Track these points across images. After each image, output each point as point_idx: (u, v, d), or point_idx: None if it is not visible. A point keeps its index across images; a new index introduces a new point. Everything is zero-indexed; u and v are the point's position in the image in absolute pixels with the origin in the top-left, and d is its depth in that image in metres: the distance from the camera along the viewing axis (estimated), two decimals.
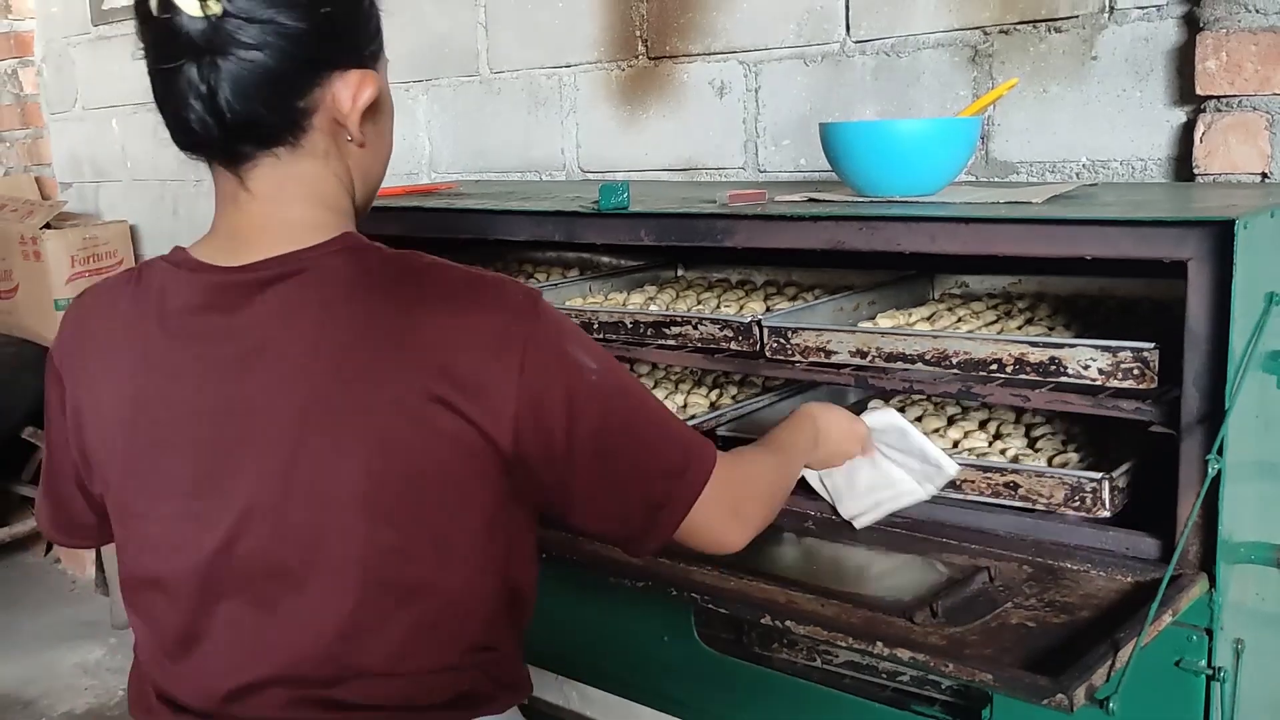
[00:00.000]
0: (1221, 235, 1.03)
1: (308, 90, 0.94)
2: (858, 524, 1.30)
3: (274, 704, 0.94)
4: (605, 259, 2.18)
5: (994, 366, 1.26)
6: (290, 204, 0.96)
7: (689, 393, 1.73)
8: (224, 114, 0.91)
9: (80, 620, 3.50)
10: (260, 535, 0.92)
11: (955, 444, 1.42)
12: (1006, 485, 1.25)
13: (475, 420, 0.90)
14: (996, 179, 1.82)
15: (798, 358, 1.41)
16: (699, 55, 2.14)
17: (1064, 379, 1.21)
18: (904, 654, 0.97)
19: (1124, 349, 1.17)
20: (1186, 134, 1.61)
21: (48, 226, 3.32)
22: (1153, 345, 1.15)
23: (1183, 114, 1.62)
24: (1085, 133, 1.72)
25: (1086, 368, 1.19)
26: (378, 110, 1.00)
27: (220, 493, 0.93)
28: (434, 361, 0.90)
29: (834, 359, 1.38)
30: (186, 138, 0.94)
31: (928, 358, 1.31)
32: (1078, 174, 1.74)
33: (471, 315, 0.92)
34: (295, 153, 0.95)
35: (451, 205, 1.72)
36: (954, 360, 1.29)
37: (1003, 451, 1.38)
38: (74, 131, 3.72)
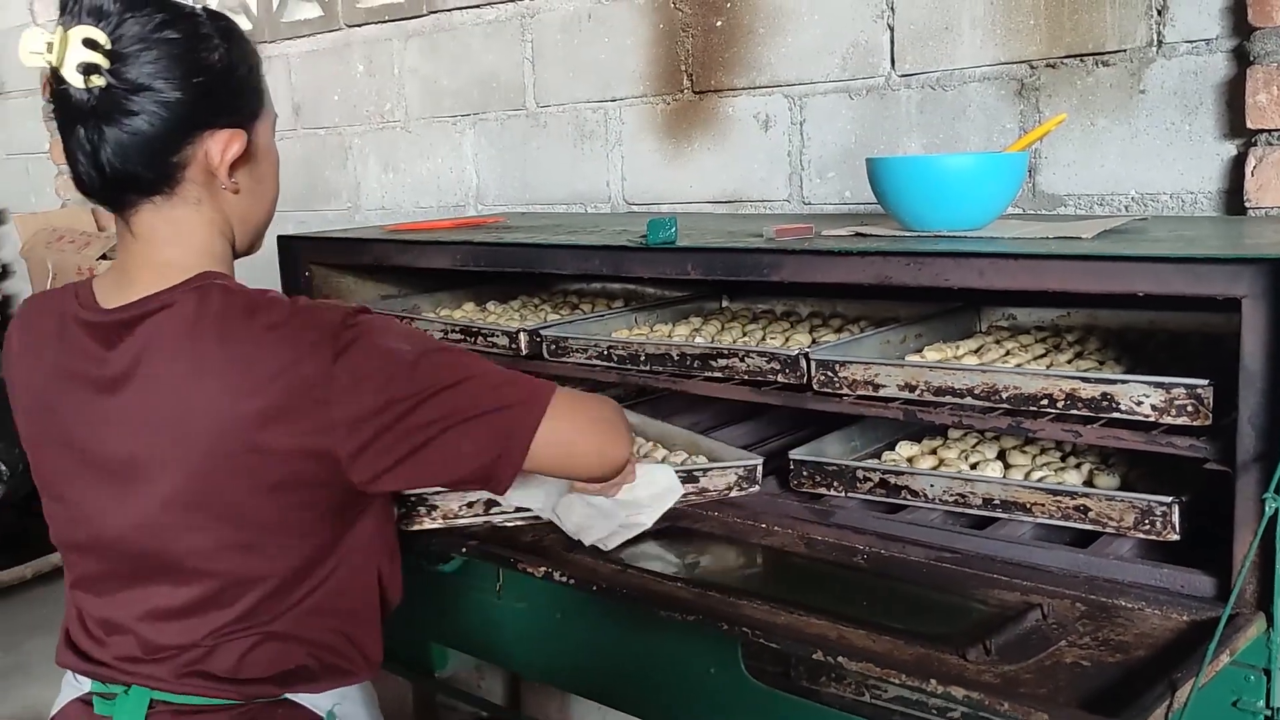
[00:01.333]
0: (1275, 272, 1.02)
1: (180, 148, 1.09)
2: (608, 545, 1.33)
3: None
4: (650, 290, 2.20)
5: (1044, 402, 1.25)
6: (164, 246, 1.12)
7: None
8: (105, 169, 1.07)
9: None
10: (119, 527, 1.12)
11: (1026, 474, 1.41)
12: (1076, 509, 1.24)
13: (300, 437, 1.04)
14: (1044, 211, 1.81)
15: (845, 391, 1.41)
16: (744, 89, 2.16)
17: (1116, 415, 1.20)
18: (958, 692, 0.96)
19: (1178, 385, 1.16)
20: (1237, 167, 1.60)
21: (103, 258, 3.39)
22: (1207, 382, 1.14)
23: (1233, 147, 1.61)
24: (1134, 166, 1.71)
25: (1139, 404, 1.19)
26: (251, 161, 1.16)
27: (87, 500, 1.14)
28: (256, 391, 1.04)
29: (882, 393, 1.39)
30: (79, 187, 1.11)
31: (977, 392, 1.31)
32: (1126, 207, 1.73)
33: (287, 344, 1.05)
34: (170, 200, 1.11)
35: (500, 239, 1.75)
36: (1004, 395, 1.29)
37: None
38: None
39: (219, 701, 1.13)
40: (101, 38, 1.02)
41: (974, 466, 1.43)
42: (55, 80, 1.04)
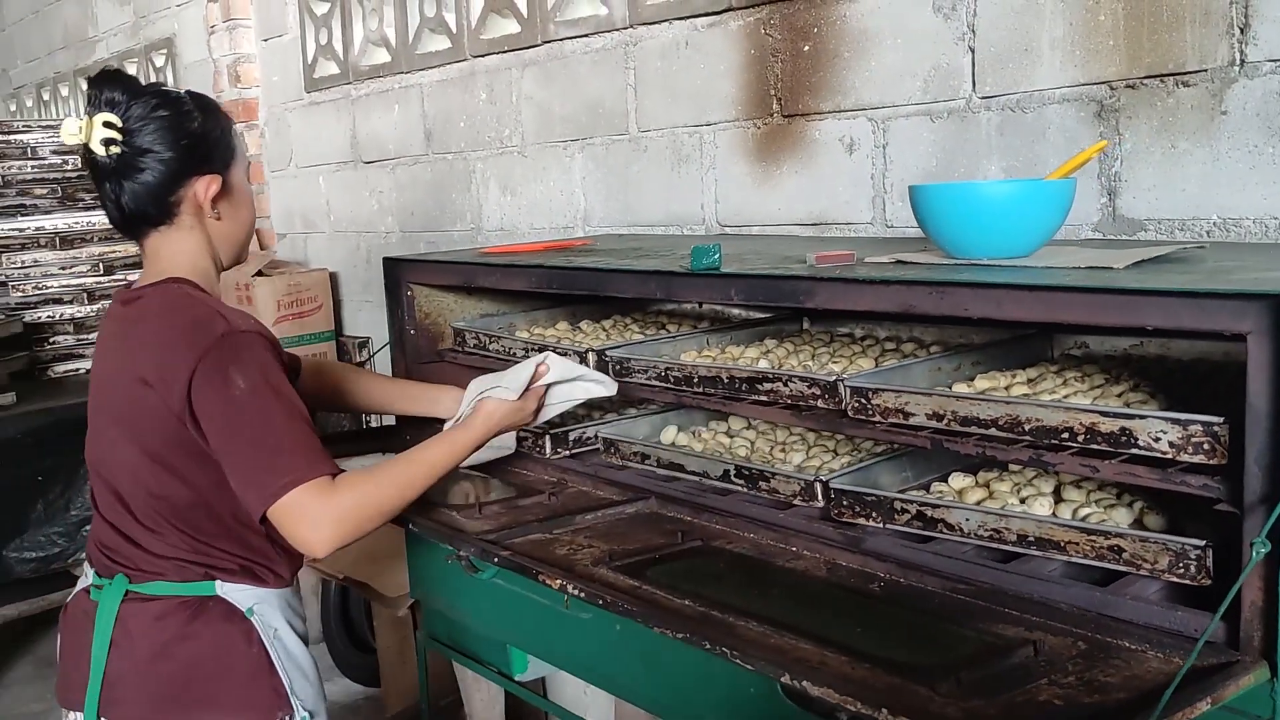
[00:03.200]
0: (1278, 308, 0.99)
1: (176, 191, 1.53)
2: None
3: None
4: (736, 312, 2.23)
5: (1065, 435, 1.23)
6: (164, 261, 1.56)
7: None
8: (125, 209, 1.52)
9: None
10: (92, 459, 1.58)
11: (1074, 511, 1.38)
12: (1110, 549, 1.21)
13: (156, 391, 1.45)
14: (1124, 236, 1.76)
15: (878, 418, 1.42)
16: (829, 113, 2.17)
17: (1135, 450, 1.17)
18: None
19: (1194, 422, 1.12)
20: None
21: (259, 274, 3.67)
22: (1223, 419, 1.10)
23: None
24: (1215, 190, 1.64)
25: (1157, 440, 1.15)
26: (229, 195, 1.59)
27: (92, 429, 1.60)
28: (144, 358, 1.47)
29: (911, 421, 1.38)
30: (111, 222, 1.56)
31: (1001, 424, 1.30)
32: (1208, 232, 1.66)
33: (182, 329, 1.47)
34: (171, 228, 1.55)
35: (569, 264, 1.82)
36: (1026, 427, 1.27)
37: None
38: (288, 187, 4.10)
39: (167, 589, 1.51)
40: (116, 120, 1.47)
41: (1024, 501, 1.41)
42: (86, 151, 1.49)
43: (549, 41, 2.81)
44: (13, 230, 3.86)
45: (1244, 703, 1.01)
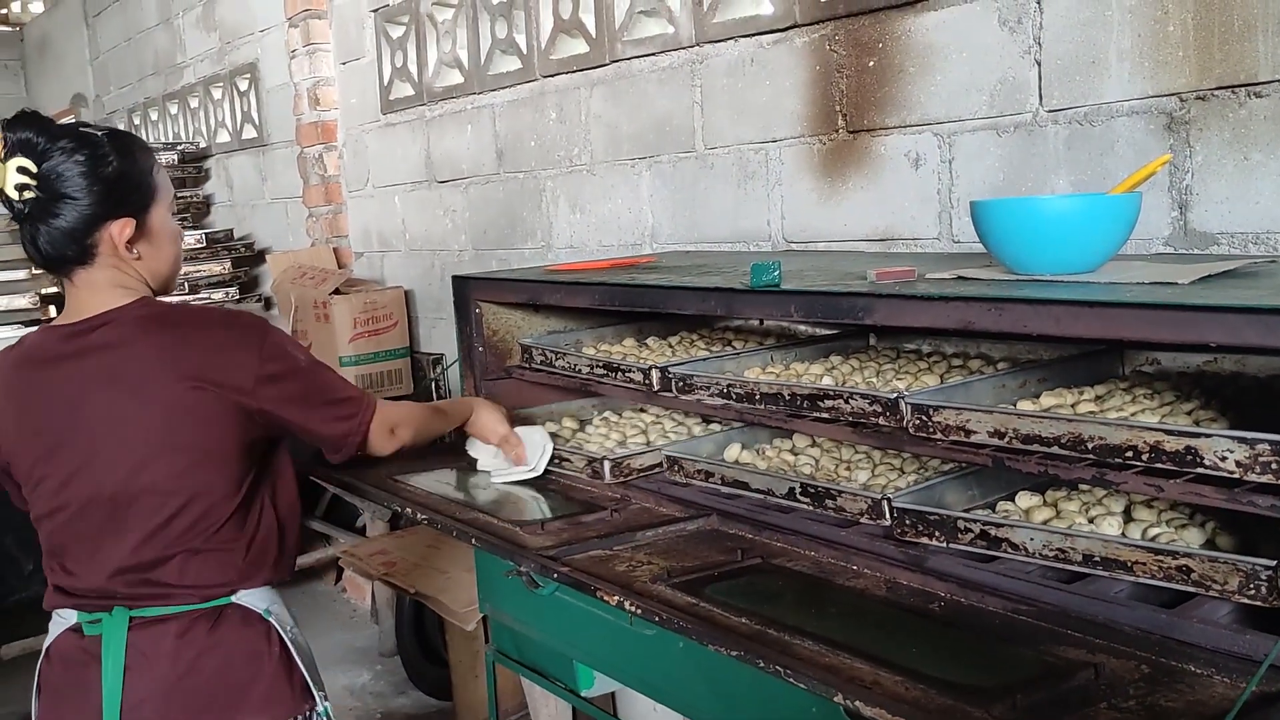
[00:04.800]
0: None
1: (91, 234, 1.50)
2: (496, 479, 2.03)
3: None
4: (803, 328, 2.23)
5: (1129, 454, 1.21)
6: (98, 292, 1.53)
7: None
8: (43, 251, 1.51)
9: (354, 646, 3.88)
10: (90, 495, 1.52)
11: (1143, 531, 1.35)
12: (1179, 569, 1.19)
13: (222, 389, 1.49)
14: (1196, 250, 1.72)
15: (939, 436, 1.41)
16: (895, 128, 2.16)
17: (1201, 469, 1.15)
18: None
19: (1262, 440, 1.10)
20: None
21: (337, 292, 3.76)
22: None
23: None
24: None
25: (1224, 459, 1.13)
26: (146, 236, 1.56)
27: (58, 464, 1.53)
28: (193, 363, 1.49)
29: (973, 439, 1.37)
30: (33, 261, 1.54)
31: (1064, 441, 1.28)
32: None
33: (231, 327, 1.54)
34: (92, 268, 1.53)
35: (630, 281, 1.84)
36: (1090, 445, 1.25)
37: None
38: (366, 207, 4.20)
39: (179, 608, 1.53)
40: (30, 165, 1.45)
41: (1092, 521, 1.39)
42: (3, 196, 1.48)
43: (617, 61, 2.84)
44: None
45: None
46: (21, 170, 1.45)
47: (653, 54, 2.72)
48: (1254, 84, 1.62)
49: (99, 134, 1.52)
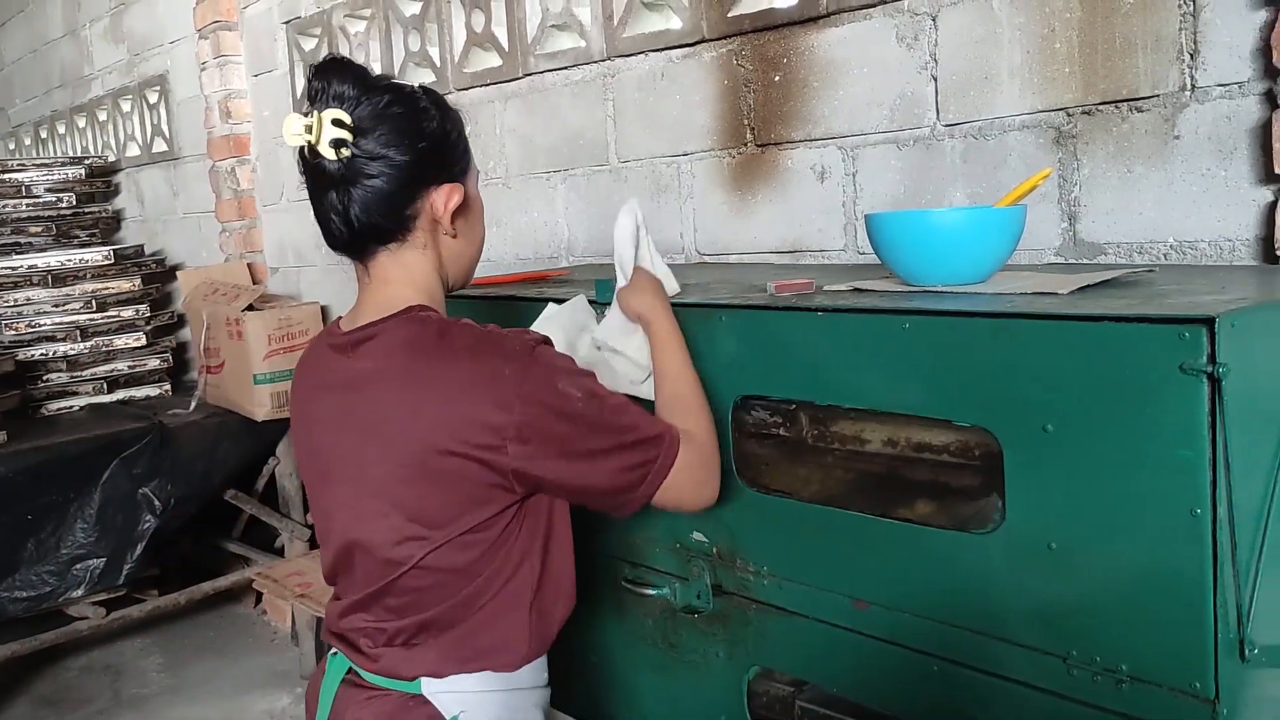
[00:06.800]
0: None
1: (412, 201, 1.30)
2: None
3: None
4: None
5: None
6: (393, 284, 1.32)
7: None
8: (354, 223, 1.28)
9: (274, 670, 3.81)
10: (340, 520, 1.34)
11: None
12: None
13: (476, 449, 1.21)
14: (1085, 260, 1.78)
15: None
16: (801, 141, 2.20)
17: None
18: None
19: None
20: (1272, 214, 1.54)
21: (250, 308, 3.70)
22: None
23: (1269, 193, 1.55)
24: (1171, 213, 1.67)
25: None
26: (466, 209, 1.36)
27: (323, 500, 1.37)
28: (448, 405, 1.22)
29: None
30: (331, 240, 1.33)
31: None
32: (1165, 255, 1.68)
33: (478, 362, 1.24)
34: (403, 246, 1.32)
35: (517, 294, 1.85)
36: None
37: None
38: (280, 221, 4.14)
39: (385, 683, 1.33)
40: (346, 118, 1.24)
41: None
42: (311, 155, 1.26)
43: (530, 74, 2.85)
44: (6, 269, 3.90)
45: None
46: (337, 124, 1.23)
47: (565, 67, 2.73)
48: (1135, 99, 1.69)
49: (415, 88, 1.33)
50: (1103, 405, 1.07)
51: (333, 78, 1.26)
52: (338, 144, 1.23)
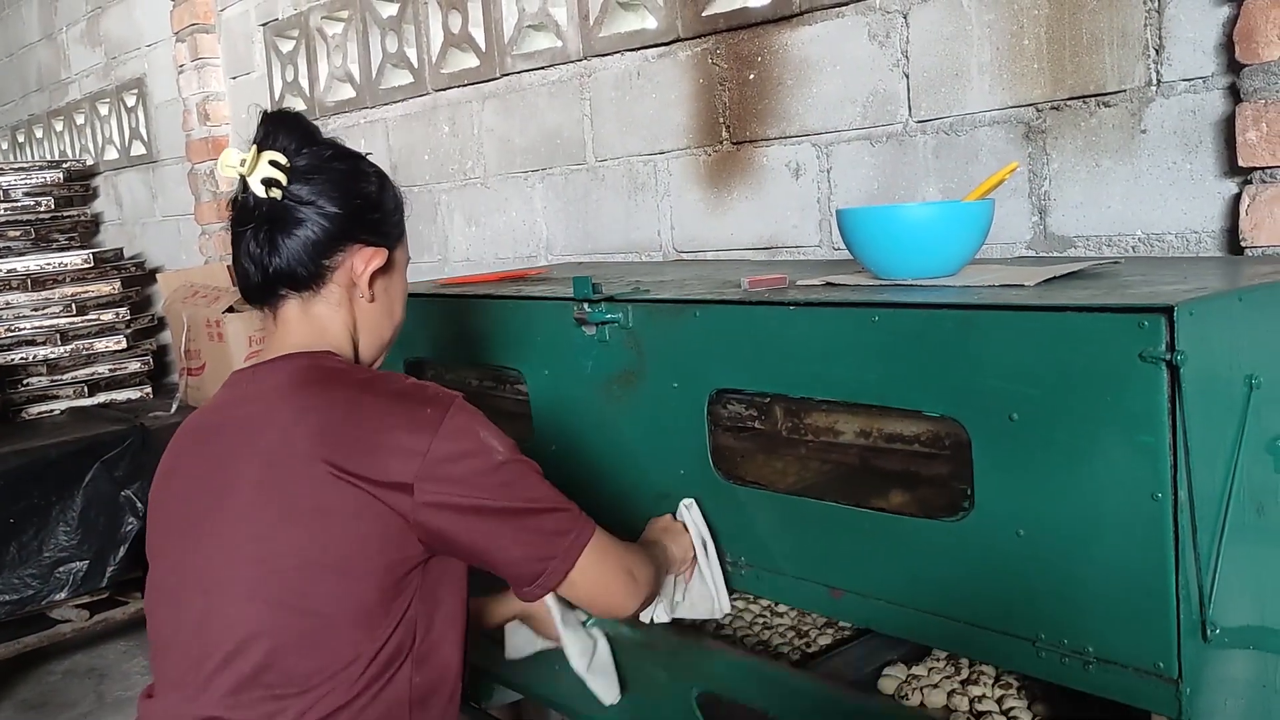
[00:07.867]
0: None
1: (332, 254, 1.28)
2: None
3: None
4: None
5: None
6: (299, 334, 1.29)
7: None
8: (267, 267, 1.26)
9: None
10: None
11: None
12: None
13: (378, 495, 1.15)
14: (1055, 253, 1.81)
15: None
16: (775, 139, 2.23)
17: None
18: None
19: None
20: (1236, 206, 1.57)
21: (231, 310, 3.69)
22: None
23: (1233, 185, 1.58)
24: (1138, 206, 1.70)
25: None
26: (388, 276, 1.34)
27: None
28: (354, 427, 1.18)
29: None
30: (244, 284, 1.29)
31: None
32: (1133, 248, 1.71)
33: (398, 399, 1.21)
34: (315, 297, 1.29)
35: (494, 293, 1.86)
36: None
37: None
38: None
39: None
40: (283, 160, 1.24)
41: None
42: (241, 190, 1.26)
43: (507, 74, 2.86)
44: None
45: None
46: (274, 164, 1.23)
47: (542, 67, 2.75)
48: (1103, 94, 1.71)
49: (363, 155, 1.34)
50: (1066, 394, 1.09)
51: (281, 129, 1.26)
52: (269, 183, 1.23)
